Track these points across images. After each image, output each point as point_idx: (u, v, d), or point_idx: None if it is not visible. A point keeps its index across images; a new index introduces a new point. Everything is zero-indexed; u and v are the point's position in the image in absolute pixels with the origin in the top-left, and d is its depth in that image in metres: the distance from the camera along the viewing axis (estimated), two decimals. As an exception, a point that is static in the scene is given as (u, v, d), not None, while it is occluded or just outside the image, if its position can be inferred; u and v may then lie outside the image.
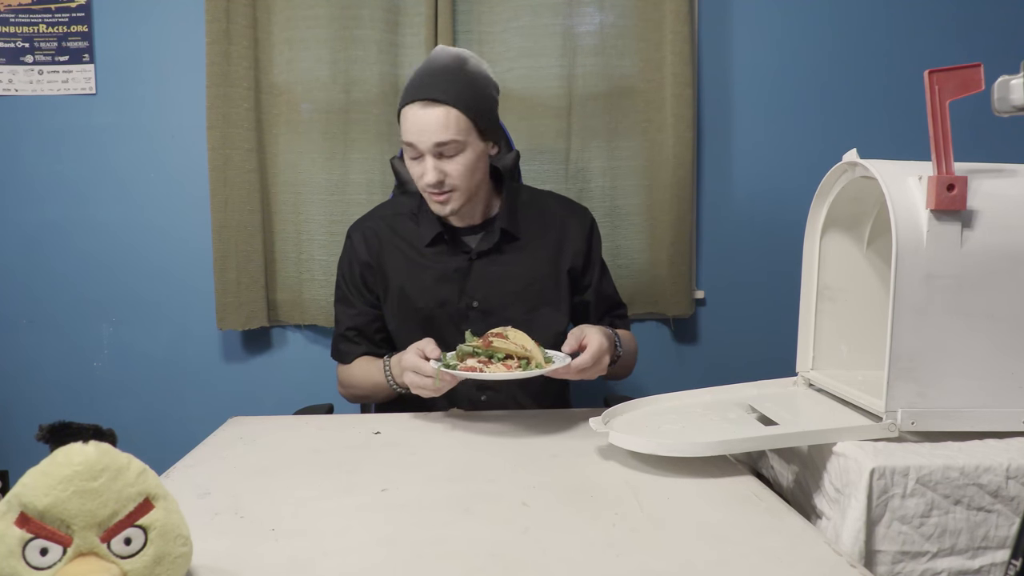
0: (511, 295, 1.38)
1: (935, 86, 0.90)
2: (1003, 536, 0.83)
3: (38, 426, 0.61)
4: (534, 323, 1.34)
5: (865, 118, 2.21)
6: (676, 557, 0.71)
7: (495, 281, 1.38)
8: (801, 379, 1.17)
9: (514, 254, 1.40)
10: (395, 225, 1.43)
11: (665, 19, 2.07)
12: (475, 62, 1.31)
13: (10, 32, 2.10)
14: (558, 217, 1.46)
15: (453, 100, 1.24)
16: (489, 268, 1.39)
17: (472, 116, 1.26)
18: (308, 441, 1.10)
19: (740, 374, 1.22)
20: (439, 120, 1.24)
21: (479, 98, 1.28)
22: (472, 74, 1.29)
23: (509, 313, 1.36)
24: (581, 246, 1.45)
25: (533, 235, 1.42)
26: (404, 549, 0.73)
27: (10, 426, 2.18)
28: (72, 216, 2.16)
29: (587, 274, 1.48)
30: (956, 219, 0.89)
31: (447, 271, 1.38)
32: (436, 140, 1.25)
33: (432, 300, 1.38)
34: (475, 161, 1.30)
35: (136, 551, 0.59)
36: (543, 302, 1.40)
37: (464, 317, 1.38)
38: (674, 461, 0.94)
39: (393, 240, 1.42)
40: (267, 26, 2.08)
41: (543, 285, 1.41)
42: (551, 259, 1.42)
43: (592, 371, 1.17)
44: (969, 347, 0.91)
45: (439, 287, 1.38)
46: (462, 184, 1.30)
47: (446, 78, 1.26)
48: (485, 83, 1.31)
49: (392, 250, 1.41)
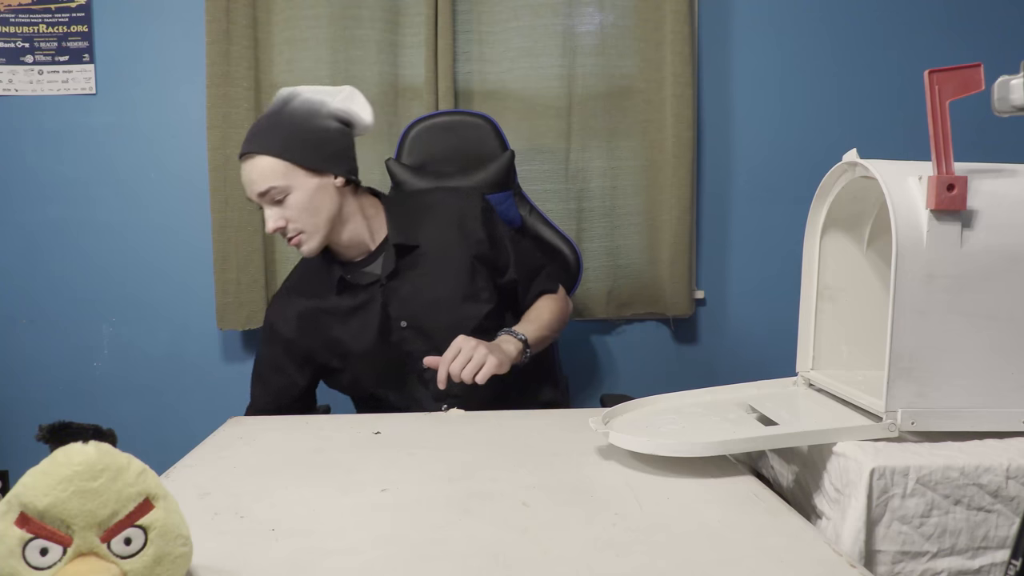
0: (432, 303, 1.38)
1: (935, 86, 0.90)
2: (1003, 536, 0.83)
3: (38, 426, 0.61)
4: (461, 320, 1.36)
5: (865, 118, 2.21)
6: (676, 557, 0.71)
7: (413, 296, 1.38)
8: (801, 379, 1.17)
9: (420, 263, 1.39)
10: (304, 290, 1.43)
11: (665, 19, 2.08)
12: (300, 101, 1.32)
13: (10, 32, 2.10)
14: (449, 210, 1.44)
15: (264, 149, 1.28)
16: (403, 286, 1.38)
17: (290, 158, 1.28)
18: (308, 441, 1.10)
19: (740, 374, 1.22)
20: (255, 171, 1.29)
21: (297, 138, 1.29)
22: (290, 114, 1.31)
23: (436, 321, 1.37)
24: (480, 232, 1.43)
25: (431, 237, 1.41)
26: (404, 549, 0.73)
27: (10, 426, 2.18)
28: (72, 216, 2.16)
29: (499, 255, 1.46)
30: (956, 219, 0.89)
31: (366, 308, 1.38)
32: (258, 191, 1.29)
33: (367, 340, 1.38)
34: (310, 199, 1.30)
35: (136, 551, 0.59)
36: (463, 298, 1.39)
37: (401, 340, 1.38)
38: (674, 461, 0.94)
39: (307, 306, 1.41)
40: (267, 26, 2.08)
41: (457, 282, 1.39)
42: (456, 254, 1.41)
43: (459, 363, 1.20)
44: (969, 347, 0.91)
45: (366, 325, 1.38)
46: (306, 223, 1.31)
47: (261, 128, 1.31)
48: (306, 119, 1.31)
49: (309, 318, 1.40)
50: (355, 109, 1.35)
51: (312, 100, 1.32)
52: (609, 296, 2.19)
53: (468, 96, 2.13)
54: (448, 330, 1.32)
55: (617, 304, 2.20)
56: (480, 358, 1.21)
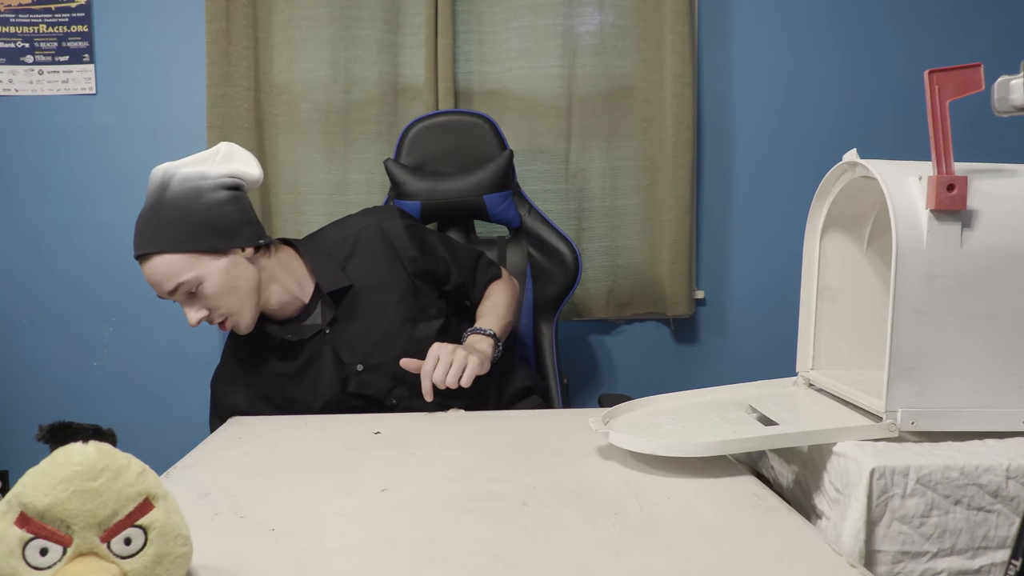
0: (381, 338, 1.32)
1: (935, 86, 0.90)
2: (1003, 536, 0.83)
3: (38, 426, 0.61)
4: (416, 344, 1.30)
5: (865, 118, 2.21)
6: (676, 557, 0.71)
7: (360, 336, 1.32)
8: (801, 379, 1.17)
9: (359, 301, 1.33)
10: (244, 361, 1.36)
11: (665, 19, 2.08)
12: (177, 182, 1.21)
13: (10, 32, 2.10)
14: (371, 236, 1.37)
15: (159, 247, 1.19)
16: (347, 329, 1.32)
17: (189, 248, 1.20)
18: (308, 441, 1.10)
19: (740, 374, 1.22)
20: (157, 273, 1.20)
21: (188, 225, 1.20)
22: (173, 201, 1.20)
23: (390, 355, 1.29)
24: (411, 249, 1.37)
25: (361, 270, 1.34)
26: (404, 549, 0.73)
27: (10, 426, 2.19)
28: (73, 216, 2.16)
29: (437, 266, 1.40)
30: (956, 219, 0.89)
31: (315, 362, 1.32)
32: (168, 290, 1.21)
33: (326, 394, 1.31)
34: (224, 281, 1.22)
35: (136, 551, 0.59)
36: (412, 321, 1.34)
37: (363, 383, 1.32)
38: (674, 461, 0.94)
39: (253, 378, 1.34)
40: (267, 26, 2.08)
41: (401, 308, 1.34)
42: (392, 279, 1.35)
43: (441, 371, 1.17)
44: (969, 347, 0.91)
45: (320, 378, 1.32)
46: (230, 305, 1.24)
47: (148, 225, 1.21)
48: (191, 200, 1.21)
49: (255, 383, 1.34)
50: (238, 168, 1.26)
51: (190, 177, 1.21)
52: (609, 296, 2.19)
53: (468, 96, 2.14)
54: (405, 352, 1.27)
55: (617, 304, 2.20)
56: (461, 360, 1.19)
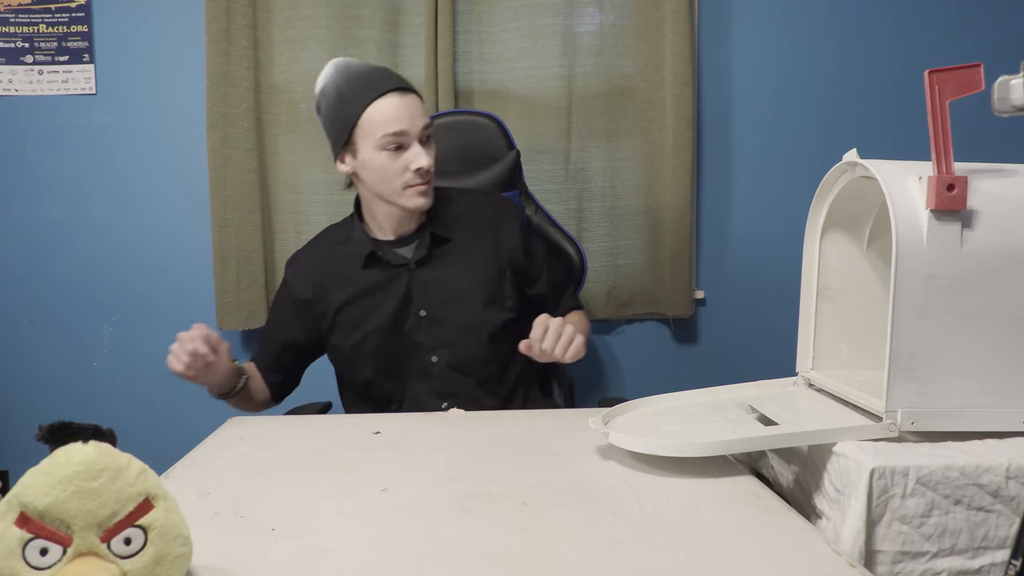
0: (455, 299, 1.36)
1: (935, 86, 0.90)
2: (1003, 536, 0.83)
3: (38, 426, 0.61)
4: (480, 322, 1.36)
5: (865, 118, 2.21)
6: (676, 557, 0.71)
7: (437, 287, 1.36)
8: (801, 379, 1.17)
9: (450, 257, 1.38)
10: (328, 256, 1.42)
11: (665, 19, 2.08)
12: None
13: (10, 32, 2.10)
14: (488, 215, 1.43)
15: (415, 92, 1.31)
16: (429, 275, 1.37)
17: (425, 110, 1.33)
18: (308, 441, 1.10)
19: (740, 374, 1.22)
20: (419, 105, 1.30)
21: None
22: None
23: (455, 317, 1.36)
24: (517, 242, 1.42)
25: (465, 235, 1.40)
26: (404, 549, 0.73)
27: (10, 426, 2.19)
28: (72, 216, 2.16)
29: (532, 267, 1.45)
30: (956, 219, 0.89)
31: (389, 288, 1.36)
32: (424, 123, 1.29)
33: (380, 320, 1.36)
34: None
35: (136, 551, 0.59)
36: (486, 300, 1.38)
37: (415, 328, 1.36)
38: (674, 461, 0.94)
39: (330, 271, 1.40)
40: (267, 26, 2.08)
41: (484, 284, 1.38)
42: (488, 257, 1.40)
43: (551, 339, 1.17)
44: (969, 347, 0.91)
45: (383, 305, 1.36)
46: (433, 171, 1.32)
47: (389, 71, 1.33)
48: None
49: (331, 280, 1.39)
50: None
51: None
52: (609, 296, 2.19)
53: (468, 96, 2.13)
54: (464, 329, 1.32)
55: (617, 304, 2.20)
56: (569, 334, 1.19)
